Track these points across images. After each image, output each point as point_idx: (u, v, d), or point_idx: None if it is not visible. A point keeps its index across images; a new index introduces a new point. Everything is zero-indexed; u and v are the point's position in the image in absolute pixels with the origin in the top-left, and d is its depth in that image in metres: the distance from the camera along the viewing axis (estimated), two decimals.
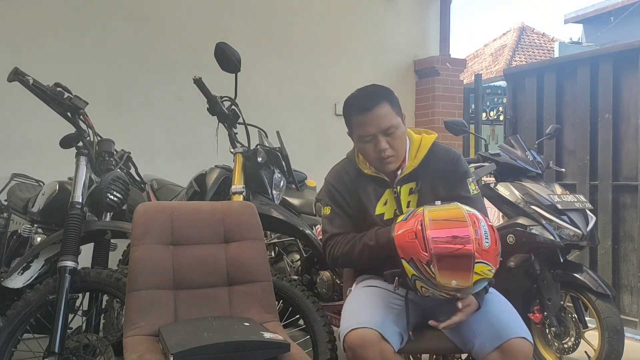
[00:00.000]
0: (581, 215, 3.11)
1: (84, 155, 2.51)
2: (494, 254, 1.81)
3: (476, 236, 1.77)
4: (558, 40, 17.67)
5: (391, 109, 2.03)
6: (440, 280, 1.76)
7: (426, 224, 1.78)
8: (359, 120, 2.03)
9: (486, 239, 1.79)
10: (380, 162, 2.05)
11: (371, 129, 2.00)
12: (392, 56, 5.43)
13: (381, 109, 2.01)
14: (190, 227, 2.17)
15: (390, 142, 2.02)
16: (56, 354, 2.20)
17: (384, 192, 2.11)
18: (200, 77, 2.67)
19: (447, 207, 1.86)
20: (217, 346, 1.72)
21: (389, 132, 2.01)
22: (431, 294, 1.83)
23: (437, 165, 2.11)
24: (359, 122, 2.03)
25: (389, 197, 2.10)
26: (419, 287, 1.84)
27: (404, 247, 1.81)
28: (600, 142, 4.34)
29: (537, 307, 3.11)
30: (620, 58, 4.24)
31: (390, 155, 2.03)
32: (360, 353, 1.81)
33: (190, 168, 3.25)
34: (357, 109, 2.04)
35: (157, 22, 4.47)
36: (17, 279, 2.48)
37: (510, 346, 1.81)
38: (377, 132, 2.00)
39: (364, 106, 2.02)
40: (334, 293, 3.07)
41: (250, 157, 2.75)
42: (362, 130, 2.02)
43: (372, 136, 2.01)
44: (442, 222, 1.79)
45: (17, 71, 2.39)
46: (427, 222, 1.79)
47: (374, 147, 2.02)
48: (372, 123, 2.00)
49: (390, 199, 2.10)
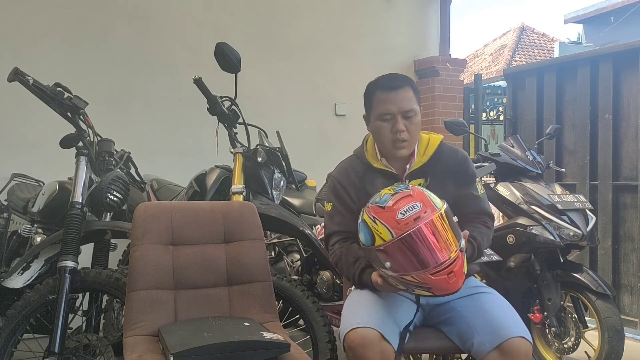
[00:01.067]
0: (581, 215, 3.11)
1: (84, 155, 2.51)
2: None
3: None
4: (558, 40, 17.67)
5: (414, 95, 2.10)
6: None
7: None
8: (382, 98, 2.07)
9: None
10: (393, 144, 2.08)
11: (393, 108, 2.05)
12: (392, 56, 5.43)
13: (405, 92, 2.07)
14: (190, 227, 2.17)
15: (407, 126, 2.06)
16: (56, 354, 2.20)
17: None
18: (200, 77, 2.67)
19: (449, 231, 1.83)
20: (217, 346, 1.72)
21: (408, 115, 2.06)
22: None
23: (446, 164, 2.13)
24: (383, 99, 2.07)
25: None
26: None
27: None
28: (600, 142, 4.35)
29: (537, 307, 3.11)
30: (620, 58, 4.24)
31: (405, 139, 2.06)
32: (361, 353, 1.81)
33: (190, 168, 3.25)
34: (382, 87, 2.09)
35: (157, 22, 4.47)
36: (17, 279, 2.48)
37: (510, 346, 1.81)
38: (398, 112, 2.05)
39: (389, 85, 2.08)
40: (334, 293, 3.07)
41: (250, 157, 2.75)
42: (384, 107, 2.06)
43: (392, 115, 2.05)
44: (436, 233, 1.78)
45: (17, 71, 2.39)
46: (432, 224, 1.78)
47: (392, 127, 2.06)
48: (395, 102, 2.05)
49: None
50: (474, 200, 2.13)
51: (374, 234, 1.80)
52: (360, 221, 1.87)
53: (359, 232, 1.88)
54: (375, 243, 1.80)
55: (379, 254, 1.80)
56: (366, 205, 1.89)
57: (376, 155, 2.16)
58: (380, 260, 1.81)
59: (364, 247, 1.87)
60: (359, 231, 1.87)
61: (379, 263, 1.83)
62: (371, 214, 1.84)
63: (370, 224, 1.82)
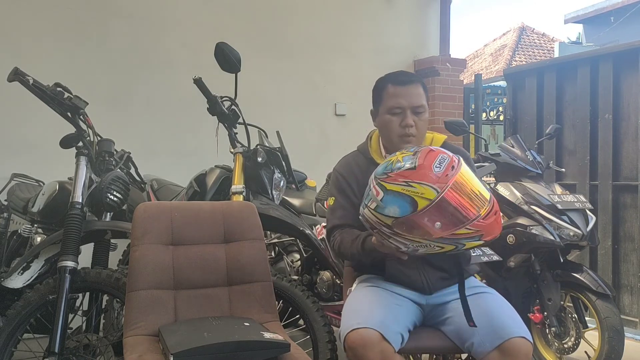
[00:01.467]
0: (581, 215, 3.11)
1: (84, 155, 2.51)
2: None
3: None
4: (558, 40, 17.67)
5: (423, 92, 2.12)
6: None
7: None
8: (393, 91, 2.09)
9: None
10: (401, 138, 2.09)
11: (403, 102, 2.07)
12: (392, 56, 5.42)
13: (416, 88, 2.10)
14: (190, 227, 2.17)
15: (416, 122, 2.08)
16: (56, 354, 2.20)
17: None
18: (200, 77, 2.67)
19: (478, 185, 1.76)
20: (217, 346, 1.72)
21: (418, 110, 2.08)
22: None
23: None
24: (394, 93, 2.09)
25: None
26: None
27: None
28: (600, 142, 4.35)
29: (537, 307, 3.12)
30: (620, 58, 4.25)
31: (413, 134, 2.08)
32: (361, 353, 1.81)
33: (190, 168, 3.25)
34: (394, 81, 2.11)
35: (157, 22, 4.47)
36: (17, 279, 2.48)
37: (510, 346, 1.81)
38: (408, 106, 2.07)
39: (401, 79, 2.11)
40: (334, 293, 3.07)
41: (250, 157, 2.75)
42: (394, 101, 2.08)
43: (402, 110, 2.07)
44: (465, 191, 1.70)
45: (17, 71, 2.39)
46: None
47: (401, 121, 2.08)
48: (406, 96, 2.07)
49: None
50: None
51: (413, 198, 1.66)
52: (384, 195, 1.72)
53: (385, 207, 1.71)
54: (419, 207, 1.66)
55: (424, 219, 1.67)
56: (381, 176, 1.75)
57: (380, 151, 2.18)
58: (425, 225, 1.67)
59: (400, 219, 1.69)
60: (386, 205, 1.71)
61: (421, 231, 1.68)
62: (400, 179, 1.70)
63: (404, 190, 1.68)
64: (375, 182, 1.77)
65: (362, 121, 5.15)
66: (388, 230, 1.74)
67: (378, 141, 2.21)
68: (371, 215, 1.77)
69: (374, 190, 1.76)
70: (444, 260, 2.11)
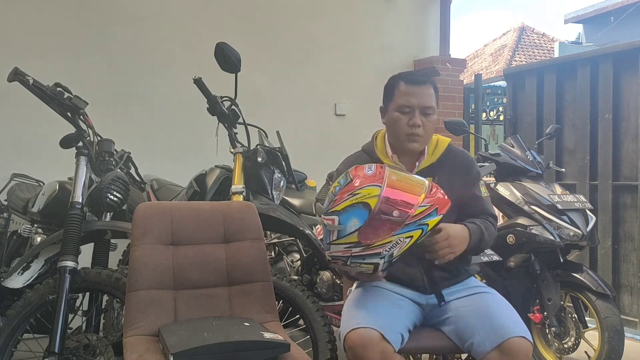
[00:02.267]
0: (581, 215, 3.11)
1: (84, 155, 2.51)
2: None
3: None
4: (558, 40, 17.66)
5: (434, 94, 2.13)
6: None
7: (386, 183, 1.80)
8: (405, 90, 2.10)
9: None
10: (408, 137, 2.10)
11: (414, 101, 2.08)
12: (392, 56, 5.43)
13: (428, 89, 2.12)
14: (190, 227, 2.17)
15: (423, 122, 2.09)
16: (56, 354, 2.20)
17: None
18: (200, 77, 2.67)
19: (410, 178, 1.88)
20: (217, 346, 1.72)
21: (427, 111, 2.10)
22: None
23: (454, 165, 2.16)
24: (405, 91, 2.10)
25: None
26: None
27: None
28: (600, 142, 4.35)
29: (537, 307, 3.12)
30: (620, 58, 4.25)
31: (420, 134, 2.09)
32: (361, 353, 1.81)
33: (190, 168, 3.25)
34: (406, 80, 2.13)
35: (157, 23, 4.47)
36: (17, 279, 2.48)
37: (510, 345, 1.81)
38: (418, 106, 2.08)
39: (414, 79, 2.13)
40: (334, 293, 3.07)
41: (250, 157, 2.75)
42: (405, 99, 2.09)
43: (412, 109, 2.08)
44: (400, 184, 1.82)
45: (17, 71, 2.39)
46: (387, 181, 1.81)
47: (409, 120, 2.09)
48: (417, 96, 2.09)
49: None
50: (477, 201, 2.15)
51: (363, 202, 1.76)
52: (339, 217, 1.78)
53: (345, 226, 1.77)
54: (372, 206, 1.75)
55: (381, 215, 1.74)
56: (328, 208, 1.83)
57: (385, 151, 2.18)
58: (386, 220, 1.74)
59: (363, 228, 1.76)
60: (345, 224, 1.77)
61: (385, 228, 1.75)
62: (345, 196, 1.79)
63: (352, 201, 1.77)
64: (326, 217, 1.83)
65: (362, 121, 5.19)
66: (358, 250, 1.78)
67: (384, 141, 2.21)
68: (338, 247, 1.81)
69: (329, 223, 1.81)
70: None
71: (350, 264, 1.82)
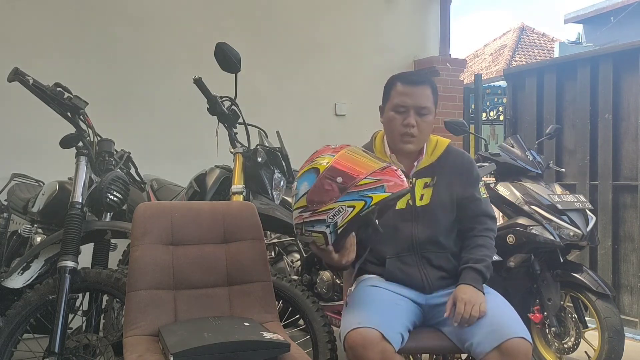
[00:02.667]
0: (581, 215, 3.11)
1: (84, 155, 2.51)
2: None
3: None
4: (558, 40, 17.66)
5: (431, 95, 2.13)
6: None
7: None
8: (401, 89, 2.10)
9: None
10: (402, 137, 2.11)
11: (409, 101, 2.08)
12: (392, 56, 5.42)
13: (424, 89, 2.11)
14: (190, 227, 2.17)
15: (418, 122, 2.09)
16: (56, 354, 2.20)
17: None
18: (200, 77, 2.67)
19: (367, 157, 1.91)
20: (217, 346, 1.72)
21: (422, 112, 2.09)
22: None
23: (453, 165, 2.17)
24: (401, 91, 2.10)
25: None
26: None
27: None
28: (600, 142, 4.35)
29: (537, 307, 3.12)
30: (620, 58, 4.25)
31: (414, 134, 2.09)
32: (361, 353, 1.81)
33: (190, 168, 3.25)
34: (403, 80, 2.13)
35: (157, 22, 4.47)
36: (17, 279, 2.48)
37: (509, 346, 1.81)
38: (413, 106, 2.08)
39: (411, 79, 2.13)
40: (334, 293, 3.07)
41: (250, 157, 2.75)
42: (400, 99, 2.09)
43: (406, 109, 2.09)
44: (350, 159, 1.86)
45: (17, 71, 2.39)
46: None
47: (403, 119, 2.09)
48: (412, 96, 2.09)
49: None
50: (475, 202, 2.16)
51: (315, 167, 1.83)
52: (297, 183, 1.88)
53: (299, 190, 1.86)
54: (320, 170, 1.82)
55: (326, 180, 1.80)
56: (294, 191, 1.90)
57: (384, 151, 2.19)
58: (330, 185, 1.79)
59: (310, 191, 1.82)
60: (299, 188, 1.86)
61: (328, 193, 1.80)
62: (305, 165, 1.88)
63: (308, 167, 1.86)
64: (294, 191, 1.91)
65: (362, 121, 5.19)
66: (307, 214, 1.82)
67: (382, 141, 2.21)
68: (295, 214, 1.88)
69: (292, 188, 1.91)
70: (444, 260, 2.11)
71: (304, 232, 1.86)
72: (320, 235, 1.83)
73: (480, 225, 2.15)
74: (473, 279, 2.02)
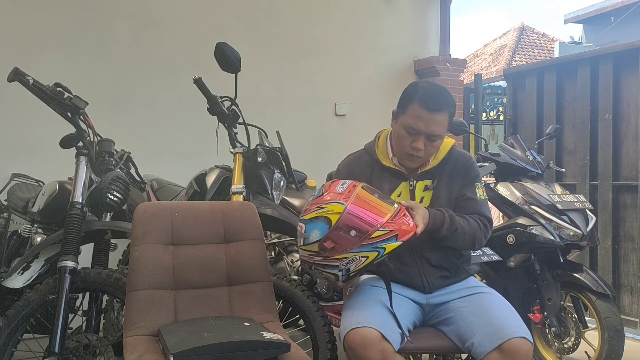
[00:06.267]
0: (581, 215, 3.11)
1: (84, 155, 2.51)
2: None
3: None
4: (558, 40, 17.66)
5: (447, 120, 2.10)
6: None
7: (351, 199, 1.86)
8: (417, 113, 2.06)
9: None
10: (407, 156, 2.11)
11: (422, 127, 2.05)
12: (392, 56, 5.42)
13: (442, 116, 2.07)
14: (190, 227, 2.17)
15: (426, 146, 2.08)
16: (56, 354, 2.20)
17: (400, 184, 2.15)
18: (200, 77, 2.67)
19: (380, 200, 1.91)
20: (217, 346, 1.72)
21: (432, 138, 2.07)
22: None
23: (454, 166, 2.17)
24: (417, 114, 2.06)
25: (403, 190, 2.14)
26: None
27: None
28: (600, 142, 4.35)
29: (537, 307, 3.11)
30: (621, 58, 4.25)
31: (420, 156, 2.09)
32: (361, 352, 1.81)
33: (190, 168, 3.25)
34: (422, 103, 2.06)
35: (157, 22, 4.47)
36: (17, 279, 2.48)
37: (510, 346, 1.81)
38: (425, 132, 2.05)
39: (430, 104, 2.05)
40: (334, 293, 3.07)
41: (250, 157, 2.75)
42: (414, 122, 2.06)
43: (418, 133, 2.06)
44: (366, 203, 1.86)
45: (17, 71, 2.39)
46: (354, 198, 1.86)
47: (411, 142, 2.07)
48: (427, 123, 2.05)
49: (405, 192, 2.14)
50: (469, 202, 2.14)
51: (326, 217, 1.82)
52: (305, 226, 1.86)
53: (309, 236, 1.85)
54: (333, 222, 1.81)
55: (340, 232, 1.81)
56: (300, 216, 1.93)
57: (386, 153, 2.18)
58: (343, 237, 1.81)
59: (322, 240, 1.82)
60: (309, 234, 1.85)
61: (341, 245, 1.81)
62: (313, 207, 1.87)
63: (317, 214, 1.85)
64: (299, 222, 1.91)
65: (362, 121, 5.20)
66: (319, 259, 1.87)
67: (386, 142, 2.21)
68: (303, 252, 1.91)
69: (299, 229, 1.90)
70: (444, 259, 2.11)
71: (314, 269, 1.91)
72: (331, 275, 1.88)
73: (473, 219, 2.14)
74: (437, 212, 2.02)
